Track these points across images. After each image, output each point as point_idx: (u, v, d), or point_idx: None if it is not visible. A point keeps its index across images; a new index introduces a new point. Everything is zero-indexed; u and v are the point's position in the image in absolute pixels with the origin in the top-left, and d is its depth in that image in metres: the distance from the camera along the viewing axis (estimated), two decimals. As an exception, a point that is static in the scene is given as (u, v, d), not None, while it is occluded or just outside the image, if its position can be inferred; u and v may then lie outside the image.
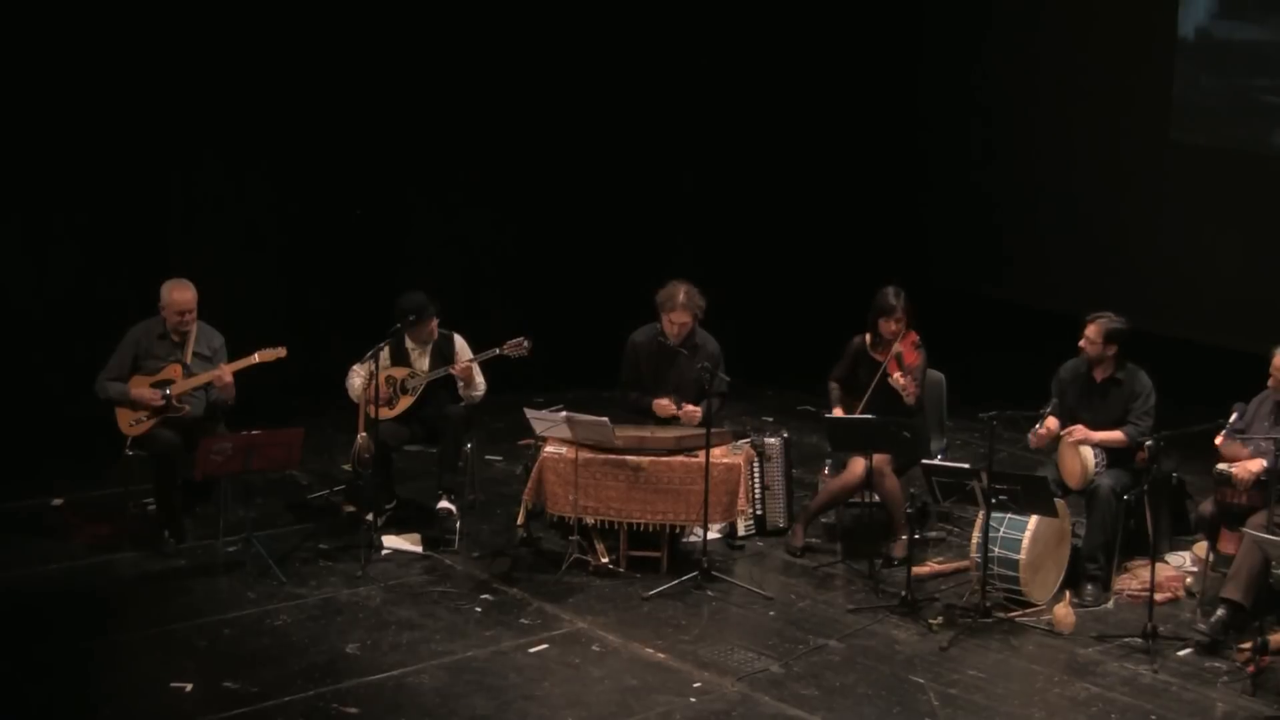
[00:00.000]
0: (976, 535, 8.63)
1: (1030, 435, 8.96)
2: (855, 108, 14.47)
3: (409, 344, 9.54)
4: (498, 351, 9.43)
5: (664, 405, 9.33)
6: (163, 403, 9.10)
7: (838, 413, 9.33)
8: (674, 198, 13.64)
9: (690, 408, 9.29)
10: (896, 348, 9.25)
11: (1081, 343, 8.96)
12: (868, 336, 9.40)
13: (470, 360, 9.47)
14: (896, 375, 9.16)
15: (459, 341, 9.64)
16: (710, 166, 13.80)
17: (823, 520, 9.68)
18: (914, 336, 9.35)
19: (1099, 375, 9.00)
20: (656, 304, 9.37)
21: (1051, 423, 8.92)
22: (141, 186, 11.41)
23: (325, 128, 12.04)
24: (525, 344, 9.40)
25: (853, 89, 14.41)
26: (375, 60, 12.18)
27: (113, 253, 11.24)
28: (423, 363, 9.55)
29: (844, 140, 14.39)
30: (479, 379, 9.52)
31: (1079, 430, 8.85)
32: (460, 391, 9.52)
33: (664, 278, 9.51)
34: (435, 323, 9.52)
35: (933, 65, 14.90)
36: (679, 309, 9.28)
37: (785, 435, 9.88)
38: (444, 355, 9.56)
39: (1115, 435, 8.87)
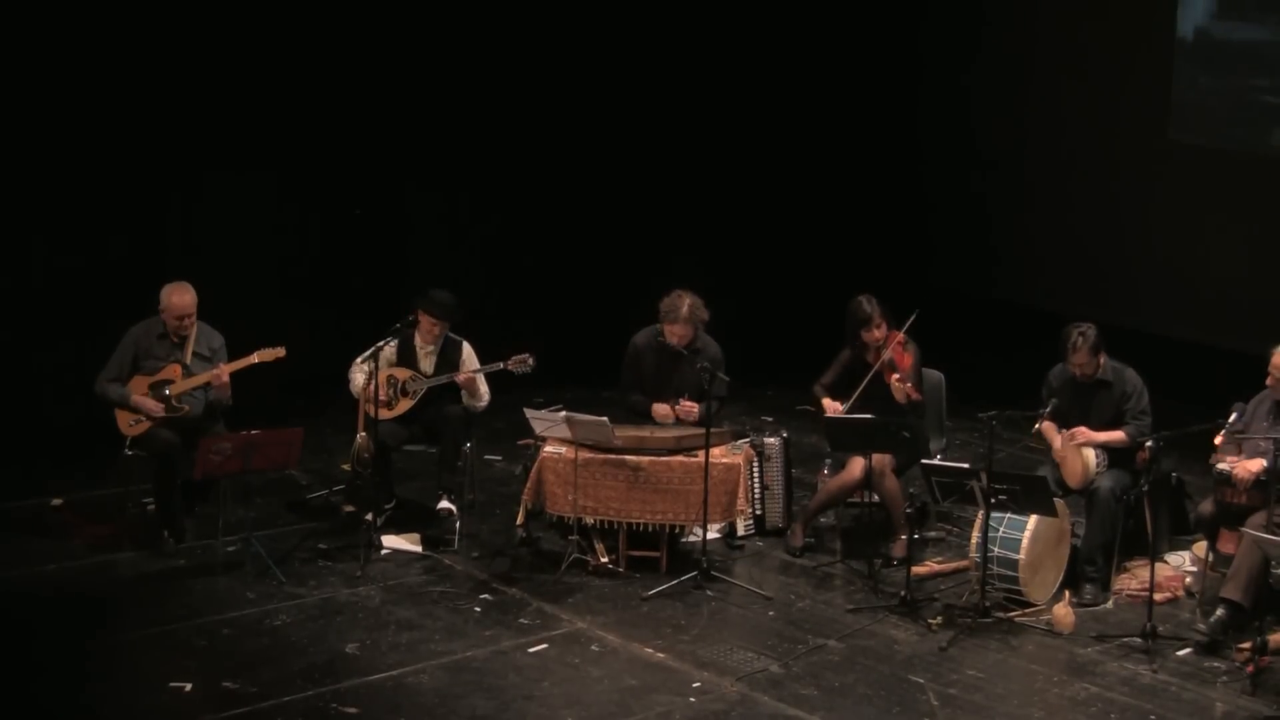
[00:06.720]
0: (976, 535, 8.63)
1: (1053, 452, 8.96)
2: (853, 110, 14.45)
3: (418, 342, 9.53)
4: (502, 365, 9.43)
5: (663, 412, 9.34)
6: (164, 416, 9.11)
7: (832, 407, 9.29)
8: (675, 198, 13.63)
9: (687, 404, 9.30)
10: (887, 354, 9.23)
11: (1085, 369, 8.83)
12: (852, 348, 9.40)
13: (474, 371, 9.47)
14: (895, 380, 9.13)
15: (466, 349, 9.60)
16: (711, 167, 13.78)
17: (822, 520, 9.68)
18: (899, 336, 9.31)
19: (1086, 380, 8.98)
20: (660, 312, 9.36)
21: (1048, 428, 8.91)
22: (141, 186, 11.38)
23: (326, 128, 12.03)
24: (530, 360, 9.38)
25: (850, 91, 14.39)
26: (377, 62, 12.16)
27: (112, 252, 11.22)
28: (428, 364, 9.54)
29: (842, 141, 14.37)
30: (483, 389, 9.52)
31: (1082, 432, 8.84)
32: (464, 401, 9.51)
33: (665, 277, 9.52)
34: (446, 325, 9.49)
35: (930, 66, 14.88)
36: (681, 323, 9.27)
37: (784, 435, 9.88)
38: (449, 360, 9.55)
39: (1117, 435, 8.87)
